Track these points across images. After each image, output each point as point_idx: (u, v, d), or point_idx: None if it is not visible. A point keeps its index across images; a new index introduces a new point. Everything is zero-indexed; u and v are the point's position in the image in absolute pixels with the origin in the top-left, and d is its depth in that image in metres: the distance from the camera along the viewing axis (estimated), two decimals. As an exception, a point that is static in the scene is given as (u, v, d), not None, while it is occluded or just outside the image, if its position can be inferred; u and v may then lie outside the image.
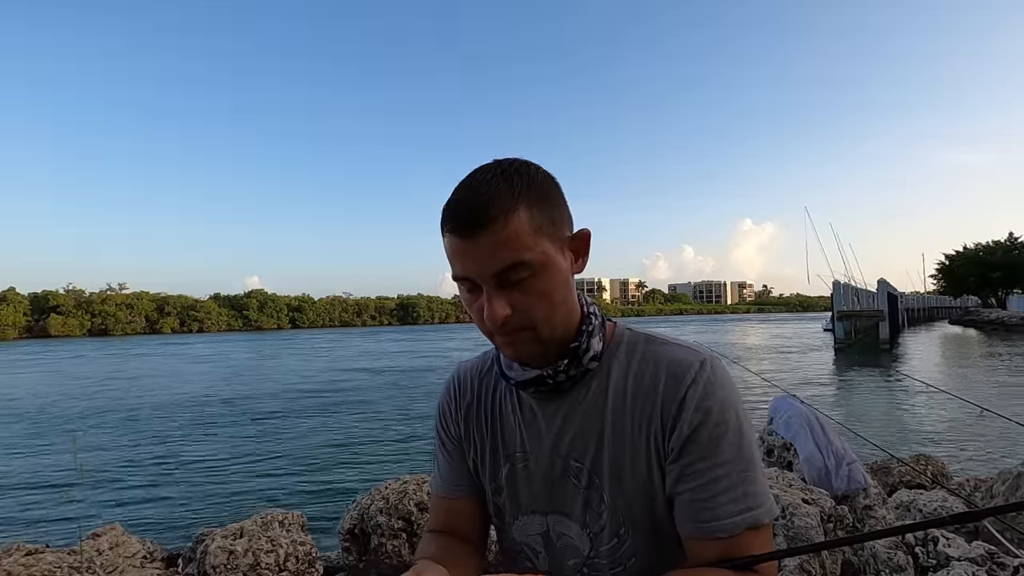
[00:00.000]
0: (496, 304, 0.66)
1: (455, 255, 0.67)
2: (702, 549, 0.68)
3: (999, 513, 0.76)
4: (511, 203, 0.64)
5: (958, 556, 2.25)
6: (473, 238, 0.64)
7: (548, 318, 0.69)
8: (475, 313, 0.69)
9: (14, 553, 2.58)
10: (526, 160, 0.72)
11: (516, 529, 0.81)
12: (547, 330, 0.69)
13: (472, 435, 0.85)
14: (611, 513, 0.73)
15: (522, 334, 0.69)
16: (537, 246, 0.66)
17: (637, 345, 0.76)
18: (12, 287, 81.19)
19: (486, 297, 0.67)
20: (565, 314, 0.71)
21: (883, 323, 28.66)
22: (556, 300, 0.69)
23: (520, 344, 0.70)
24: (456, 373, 0.90)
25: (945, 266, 65.70)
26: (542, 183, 0.69)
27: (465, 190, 0.67)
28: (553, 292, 0.68)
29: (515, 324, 0.68)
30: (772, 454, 3.78)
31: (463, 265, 0.66)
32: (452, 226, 0.66)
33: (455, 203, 0.66)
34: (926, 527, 0.65)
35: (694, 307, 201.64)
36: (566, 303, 0.71)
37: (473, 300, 0.69)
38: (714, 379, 0.69)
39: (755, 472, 0.68)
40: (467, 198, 0.66)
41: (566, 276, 0.70)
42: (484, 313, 0.67)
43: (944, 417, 10.32)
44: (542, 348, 0.71)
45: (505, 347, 0.72)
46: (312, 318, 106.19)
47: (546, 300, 0.68)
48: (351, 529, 3.12)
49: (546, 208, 0.68)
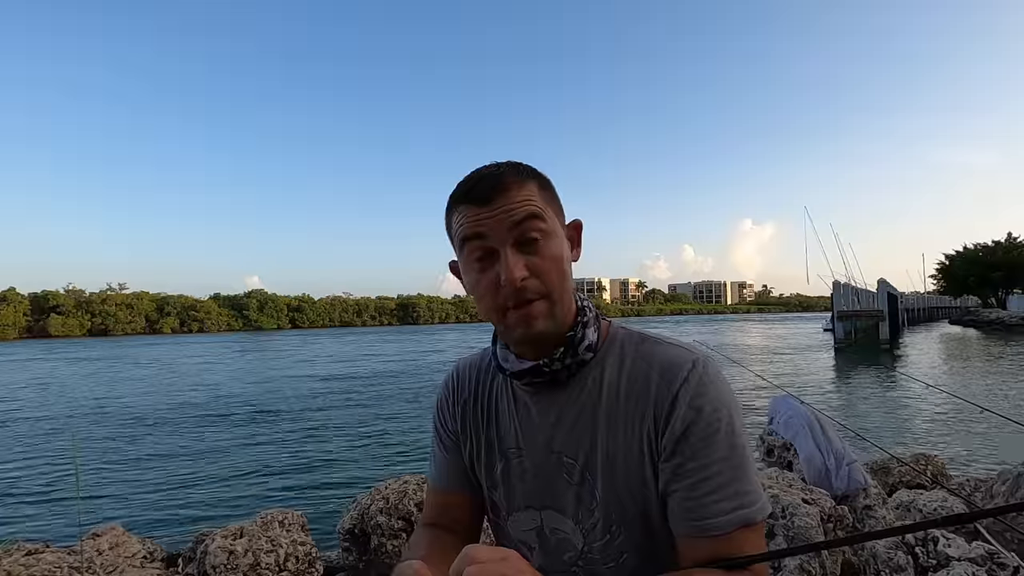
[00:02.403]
0: (514, 265, 0.68)
1: (470, 221, 0.70)
2: (694, 547, 0.68)
3: (995, 515, 0.76)
4: (523, 177, 0.72)
5: (958, 556, 2.24)
6: (490, 203, 0.69)
7: (559, 286, 0.72)
8: (486, 286, 0.71)
9: (14, 553, 2.58)
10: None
11: (511, 524, 0.82)
12: (559, 300, 0.72)
13: (468, 430, 0.86)
14: (603, 509, 0.74)
15: (537, 304, 0.70)
16: (547, 212, 0.72)
17: (631, 344, 0.77)
18: (12, 287, 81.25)
19: (503, 259, 0.69)
20: (569, 293, 0.74)
21: (883, 323, 28.67)
22: (565, 270, 0.73)
23: (536, 317, 0.71)
24: (455, 369, 0.91)
25: (945, 266, 65.74)
26: (542, 174, 0.76)
27: (475, 172, 0.73)
28: (563, 260, 0.72)
29: (532, 289, 0.70)
30: (772, 454, 3.78)
31: (479, 226, 0.70)
32: (469, 195, 0.71)
33: (469, 179, 0.72)
34: (922, 528, 0.65)
35: (694, 307, 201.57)
36: (570, 282, 0.74)
37: (484, 271, 0.71)
38: (707, 378, 0.70)
39: (747, 471, 0.68)
40: (480, 174, 0.72)
41: (568, 256, 0.75)
42: (501, 278, 0.69)
43: (944, 417, 10.31)
44: (553, 324, 0.72)
45: (518, 323, 0.71)
46: (312, 318, 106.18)
47: (558, 266, 0.71)
48: (351, 529, 3.12)
49: (551, 192, 0.75)
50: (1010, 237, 60.21)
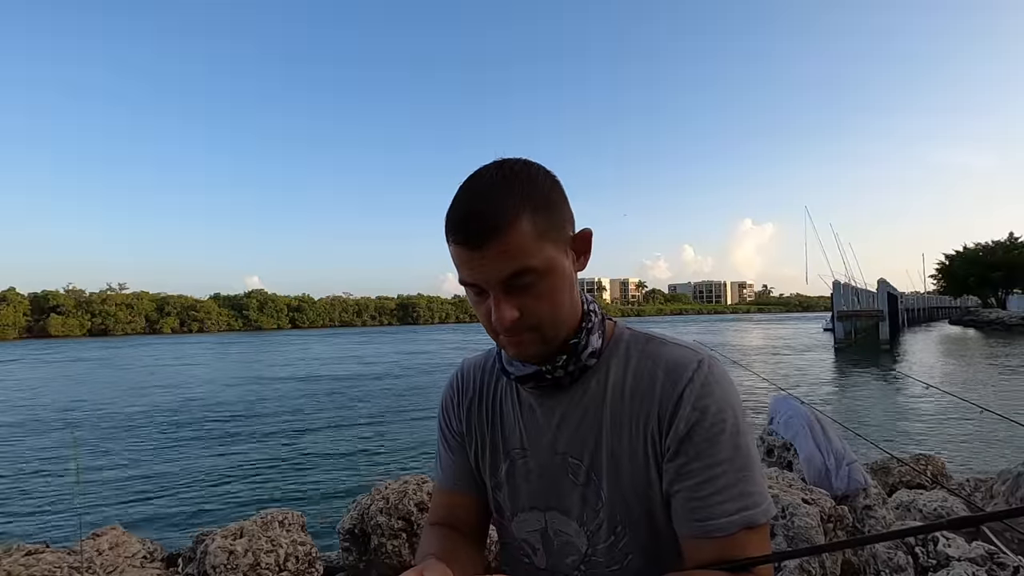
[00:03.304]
0: (504, 308, 0.67)
1: (462, 264, 0.68)
2: (698, 548, 0.67)
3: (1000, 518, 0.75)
4: (514, 212, 0.65)
5: (958, 556, 2.24)
6: (479, 249, 0.65)
7: (553, 319, 0.70)
8: (483, 315, 0.71)
9: (14, 553, 2.58)
10: (527, 160, 0.71)
11: (515, 525, 0.82)
12: (551, 330, 0.71)
13: (473, 431, 0.86)
14: (608, 511, 0.74)
15: (527, 335, 0.70)
16: (541, 251, 0.67)
17: (636, 344, 0.77)
18: (12, 287, 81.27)
19: (494, 301, 0.68)
20: (569, 314, 0.72)
21: (883, 323, 28.68)
22: (561, 301, 0.70)
23: (525, 345, 0.71)
24: (460, 369, 0.91)
25: (945, 266, 65.73)
26: (543, 186, 0.69)
27: (467, 198, 0.67)
28: (557, 294, 0.69)
29: (522, 325, 0.69)
30: (772, 454, 3.77)
31: (470, 273, 0.68)
32: (457, 238, 0.67)
33: (458, 214, 0.67)
34: (925, 531, 0.65)
35: (694, 307, 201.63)
36: (571, 303, 0.72)
37: (480, 303, 0.70)
38: (711, 378, 0.70)
39: (752, 472, 0.68)
40: (470, 209, 0.66)
41: (570, 277, 0.71)
42: (492, 316, 0.68)
43: (944, 417, 10.31)
44: (546, 348, 0.72)
45: (509, 347, 0.73)
46: (312, 318, 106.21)
47: (551, 302, 0.69)
48: (351, 529, 3.12)
49: (548, 212, 0.68)
50: (1010, 237, 60.23)
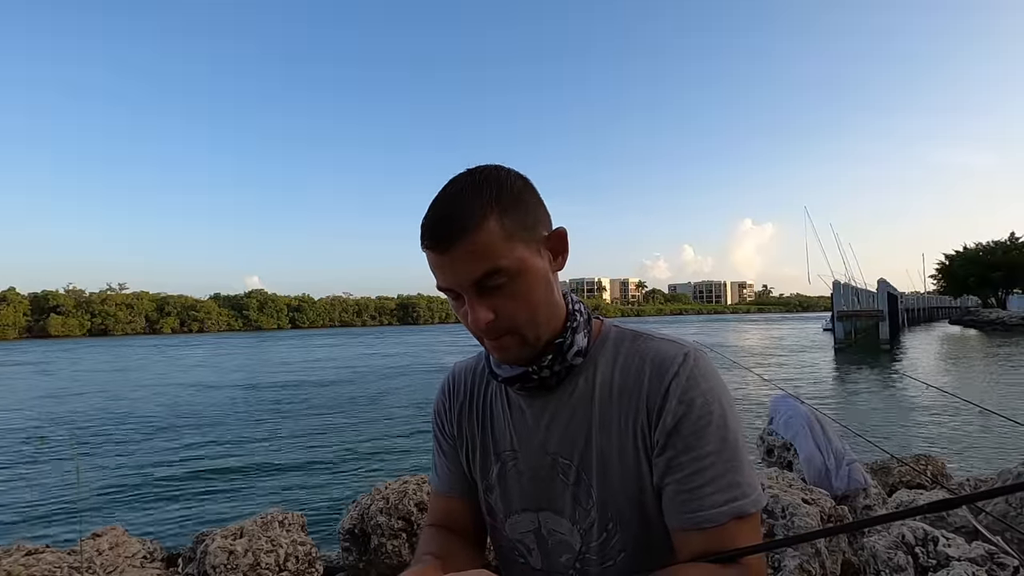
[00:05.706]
0: (479, 310, 0.68)
1: (435, 268, 0.69)
2: (689, 541, 0.68)
3: (979, 499, 0.76)
4: (480, 213, 0.66)
5: (958, 556, 2.24)
6: (448, 252, 0.66)
7: (530, 320, 0.70)
8: (463, 318, 0.72)
9: (14, 553, 2.58)
10: (498, 165, 0.72)
11: (509, 527, 0.82)
12: (531, 332, 0.71)
13: (465, 434, 0.86)
14: (600, 509, 0.74)
15: (508, 338, 0.71)
16: (511, 252, 0.67)
17: (623, 341, 0.77)
18: (12, 287, 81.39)
19: (468, 304, 0.69)
20: (548, 314, 0.72)
21: (883, 323, 28.65)
22: (536, 301, 0.70)
23: (507, 348, 0.72)
24: (451, 373, 0.92)
25: (945, 266, 65.77)
26: (512, 187, 0.69)
27: (437, 205, 0.69)
28: (532, 294, 0.69)
29: (499, 328, 0.69)
30: (772, 454, 3.78)
31: (443, 277, 0.69)
32: (428, 242, 0.68)
33: (429, 220, 0.68)
34: (905, 516, 0.65)
35: (694, 307, 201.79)
36: (548, 303, 0.72)
37: (459, 307, 0.71)
38: (697, 371, 0.70)
39: (741, 462, 0.68)
40: (438, 214, 0.67)
41: (545, 277, 0.71)
42: (469, 318, 0.69)
43: (944, 417, 10.31)
44: (529, 350, 0.72)
45: (493, 351, 0.74)
46: (312, 318, 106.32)
47: (526, 302, 0.69)
48: (351, 529, 3.12)
49: (518, 213, 0.69)
50: (1011, 237, 60.27)
